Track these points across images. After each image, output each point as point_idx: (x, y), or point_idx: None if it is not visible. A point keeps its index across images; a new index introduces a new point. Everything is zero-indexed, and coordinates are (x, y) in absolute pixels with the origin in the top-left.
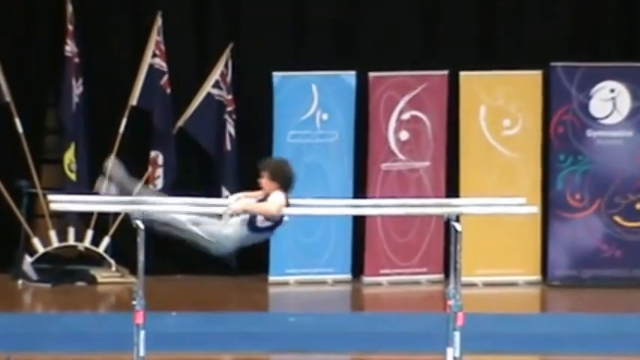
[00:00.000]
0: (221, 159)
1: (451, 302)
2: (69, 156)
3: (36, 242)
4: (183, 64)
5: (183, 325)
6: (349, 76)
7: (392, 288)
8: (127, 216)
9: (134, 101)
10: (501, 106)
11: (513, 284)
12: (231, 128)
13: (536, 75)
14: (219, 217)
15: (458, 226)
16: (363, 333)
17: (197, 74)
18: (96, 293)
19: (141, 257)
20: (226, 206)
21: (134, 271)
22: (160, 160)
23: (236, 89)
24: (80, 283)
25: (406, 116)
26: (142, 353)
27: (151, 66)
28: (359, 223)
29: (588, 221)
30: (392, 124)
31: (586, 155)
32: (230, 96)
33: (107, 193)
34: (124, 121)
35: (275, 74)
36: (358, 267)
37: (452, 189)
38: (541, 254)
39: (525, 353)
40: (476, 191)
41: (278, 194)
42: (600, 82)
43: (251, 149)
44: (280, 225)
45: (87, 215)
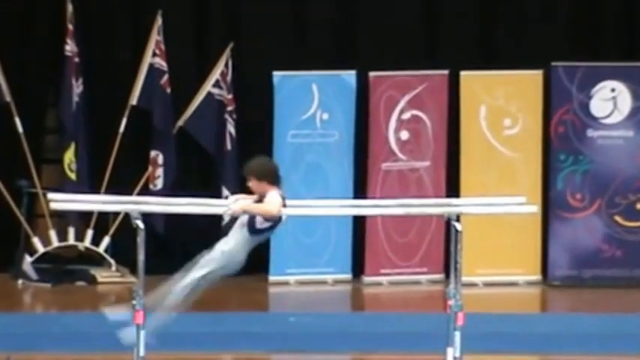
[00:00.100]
0: (221, 159)
1: (451, 302)
2: (69, 156)
3: (36, 242)
4: (183, 64)
5: (183, 325)
6: (349, 76)
7: (392, 288)
8: (127, 216)
9: (134, 101)
10: (502, 106)
11: (514, 284)
12: (231, 128)
13: (536, 75)
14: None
15: (458, 226)
16: (364, 333)
17: (197, 74)
18: (96, 293)
19: (141, 257)
20: (226, 206)
21: (134, 271)
22: (160, 160)
23: (236, 89)
24: (80, 283)
25: (406, 116)
26: (142, 353)
27: (151, 65)
28: (359, 223)
29: (589, 221)
30: (392, 124)
31: (586, 155)
32: (230, 95)
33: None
34: (124, 121)
35: (275, 74)
36: (358, 267)
37: (452, 189)
38: (541, 254)
39: (525, 353)
40: (476, 191)
41: (273, 194)
42: (601, 82)
43: (251, 149)
44: (280, 224)
45: (87, 215)
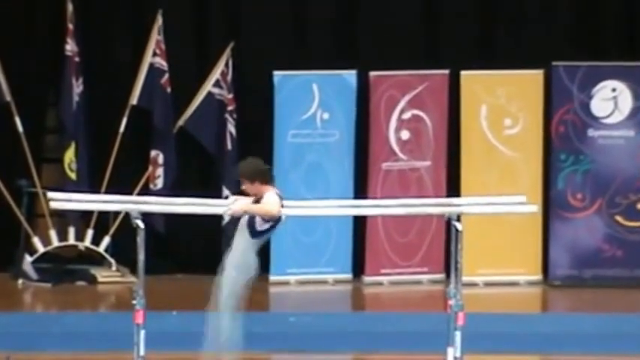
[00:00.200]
0: (221, 158)
1: (452, 302)
2: (69, 155)
3: (36, 242)
4: (183, 63)
5: (183, 325)
6: (350, 76)
7: (393, 288)
8: (128, 215)
9: (134, 100)
10: (502, 106)
11: (514, 284)
12: (231, 127)
13: (537, 74)
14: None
15: (459, 226)
16: (364, 333)
17: (198, 73)
18: (96, 293)
19: (141, 257)
20: (226, 207)
21: (134, 271)
22: (161, 160)
23: (237, 88)
24: (80, 283)
25: (407, 115)
26: (142, 353)
27: (152, 65)
28: (360, 223)
29: (589, 221)
30: (393, 124)
31: (587, 155)
32: (231, 95)
33: None
34: (125, 121)
35: (276, 73)
36: (359, 267)
37: (453, 188)
38: (542, 254)
39: (526, 353)
40: (477, 191)
41: (270, 194)
42: (601, 82)
43: (252, 149)
44: (280, 223)
45: (87, 215)
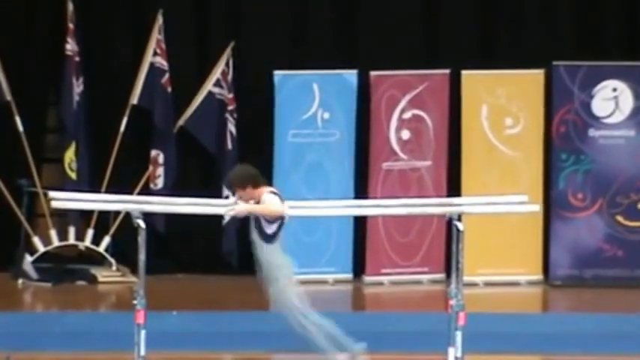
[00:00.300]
0: (222, 158)
1: (453, 302)
2: (69, 155)
3: (36, 241)
4: (184, 63)
5: (184, 325)
6: (350, 75)
7: (393, 287)
8: (128, 215)
9: (135, 100)
10: (503, 105)
11: (515, 284)
12: (232, 127)
13: (538, 74)
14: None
15: (460, 226)
16: (364, 332)
17: (198, 73)
18: (96, 292)
19: (142, 256)
20: (230, 207)
21: (135, 271)
22: (161, 159)
23: (237, 88)
24: (81, 283)
25: (408, 115)
26: (143, 352)
27: (152, 65)
28: (360, 223)
29: (590, 221)
30: (393, 123)
31: (588, 154)
32: (231, 95)
33: None
34: (125, 120)
35: (276, 73)
36: (359, 266)
37: (453, 188)
38: (543, 254)
39: (527, 353)
40: (477, 190)
41: (267, 195)
42: (602, 82)
43: (252, 148)
44: (285, 222)
45: (87, 214)
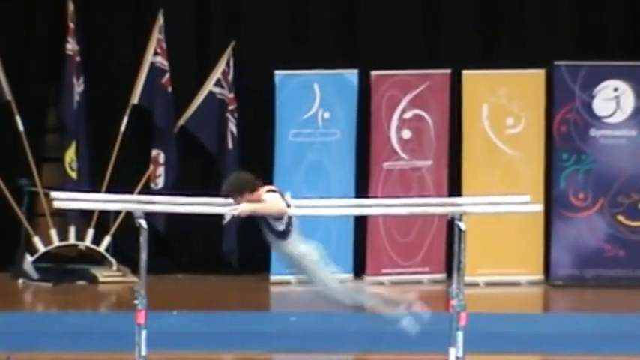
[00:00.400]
0: (223, 158)
1: (454, 302)
2: (70, 155)
3: (37, 241)
4: (184, 63)
5: (184, 325)
6: (351, 75)
7: (394, 287)
8: (128, 215)
9: (135, 100)
10: (504, 105)
11: (516, 284)
12: (232, 127)
13: (539, 74)
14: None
15: (462, 226)
16: (365, 332)
17: (198, 72)
18: (97, 292)
19: (143, 256)
20: (233, 207)
21: (135, 270)
22: (162, 159)
23: (238, 88)
24: (81, 282)
25: (408, 115)
26: (144, 352)
27: (153, 64)
28: (361, 223)
29: (591, 221)
30: (394, 123)
31: (589, 154)
32: (232, 94)
33: None
34: (125, 120)
35: (277, 73)
36: (360, 266)
37: (454, 188)
38: (544, 254)
39: (528, 353)
40: (478, 190)
41: (266, 195)
42: (604, 81)
43: (253, 148)
44: (292, 218)
45: (88, 214)
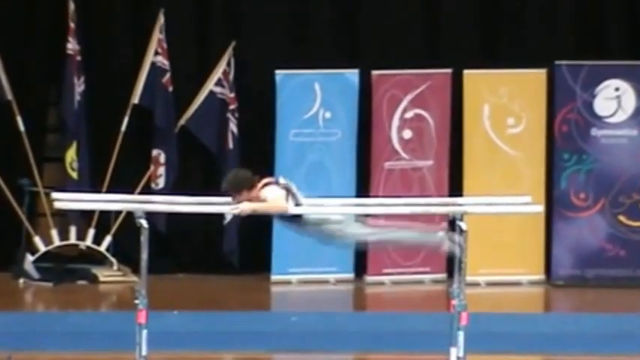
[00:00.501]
0: (223, 157)
1: (455, 302)
2: (71, 154)
3: (37, 241)
4: (185, 62)
5: (185, 324)
6: (352, 75)
7: (395, 287)
8: (129, 215)
9: (136, 99)
10: (505, 105)
11: (517, 284)
12: (233, 126)
13: (540, 73)
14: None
15: (463, 225)
16: (366, 332)
17: (199, 72)
18: (97, 292)
19: (144, 256)
20: (235, 206)
21: (136, 270)
22: (162, 159)
23: (238, 87)
24: (82, 282)
25: (409, 115)
26: (144, 352)
27: (153, 64)
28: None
29: (592, 220)
30: (395, 123)
31: (590, 154)
32: (232, 94)
33: None
34: (126, 120)
35: (278, 72)
36: (361, 266)
37: (455, 188)
38: (545, 253)
39: (529, 353)
40: (479, 190)
41: (268, 190)
42: (605, 81)
43: (253, 148)
44: (296, 194)
45: (89, 214)
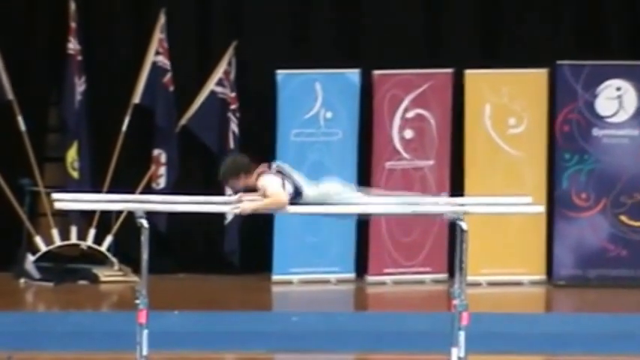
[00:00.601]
0: (224, 157)
1: (456, 302)
2: (71, 154)
3: (38, 241)
4: (186, 62)
5: (185, 324)
6: (353, 74)
7: (396, 287)
8: (130, 214)
9: (137, 99)
10: (506, 105)
11: (518, 284)
12: (234, 126)
13: (541, 73)
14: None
15: (464, 225)
16: (367, 332)
17: (200, 72)
18: (98, 292)
19: (145, 256)
20: (235, 206)
21: (137, 270)
22: (163, 159)
23: (239, 87)
24: (83, 282)
25: (410, 114)
26: (145, 352)
27: (154, 64)
28: (363, 222)
29: (594, 220)
30: (396, 123)
31: (592, 154)
32: (233, 94)
33: None
34: (127, 119)
35: (279, 72)
36: (362, 266)
37: (456, 188)
38: (546, 253)
39: (530, 353)
40: (480, 190)
41: (265, 179)
42: (606, 81)
43: (254, 147)
44: (289, 175)
45: (89, 214)
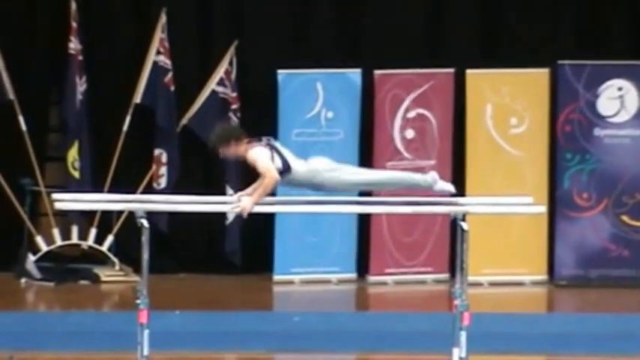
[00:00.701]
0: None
1: (457, 302)
2: (72, 154)
3: (39, 240)
4: (187, 62)
5: (186, 324)
6: (354, 74)
7: (397, 287)
8: (131, 214)
9: (138, 99)
10: (508, 105)
11: (520, 284)
12: None
13: (543, 73)
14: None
15: (465, 225)
16: (368, 332)
17: (201, 72)
18: (99, 292)
19: (145, 256)
20: (235, 205)
21: (137, 270)
22: (164, 158)
23: (241, 87)
24: (83, 282)
25: (412, 114)
26: (146, 352)
27: (155, 63)
28: (364, 222)
29: (595, 220)
30: (397, 123)
31: (593, 154)
32: (234, 94)
33: None
34: (128, 119)
35: (280, 72)
36: (363, 266)
37: (457, 188)
38: (548, 253)
39: (532, 353)
40: (482, 190)
41: (255, 151)
42: (608, 81)
43: None
44: (277, 147)
45: (90, 213)
